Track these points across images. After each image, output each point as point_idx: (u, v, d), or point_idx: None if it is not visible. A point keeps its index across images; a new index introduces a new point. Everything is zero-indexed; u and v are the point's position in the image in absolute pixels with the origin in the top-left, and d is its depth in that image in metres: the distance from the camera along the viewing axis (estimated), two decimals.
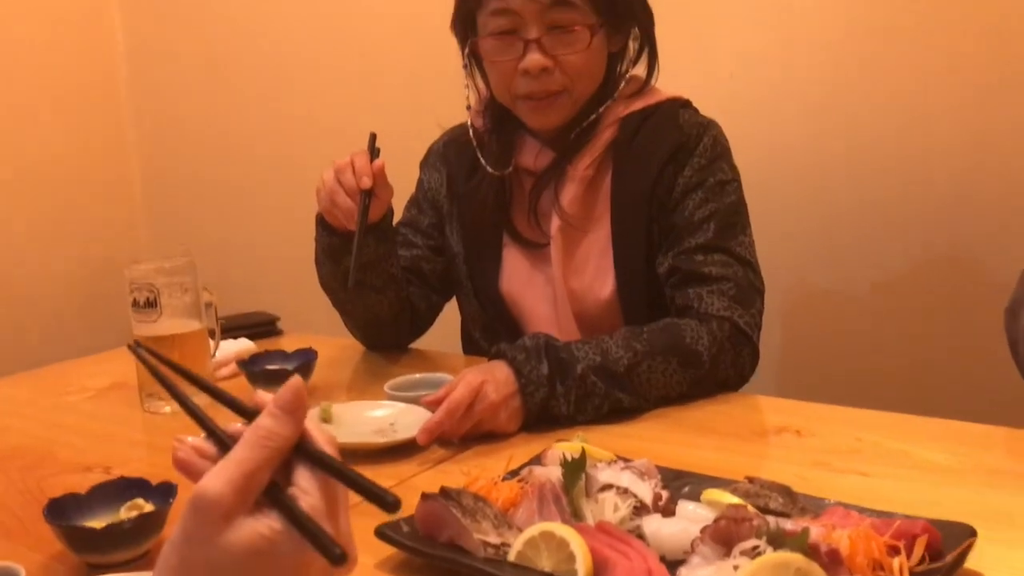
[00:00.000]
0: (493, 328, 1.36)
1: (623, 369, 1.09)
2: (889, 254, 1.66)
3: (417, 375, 1.20)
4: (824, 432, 1.03)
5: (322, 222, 1.30)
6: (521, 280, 1.32)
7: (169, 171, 2.74)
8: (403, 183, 1.47)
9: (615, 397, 1.09)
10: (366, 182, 1.20)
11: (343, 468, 0.49)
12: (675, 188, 1.25)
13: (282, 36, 2.41)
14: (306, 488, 0.48)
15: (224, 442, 0.51)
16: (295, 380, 0.50)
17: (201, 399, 0.56)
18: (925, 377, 1.63)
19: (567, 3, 1.19)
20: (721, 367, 1.16)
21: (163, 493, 0.83)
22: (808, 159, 1.71)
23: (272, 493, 0.48)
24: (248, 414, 0.52)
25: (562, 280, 1.28)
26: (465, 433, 1.03)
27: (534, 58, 1.20)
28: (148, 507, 0.82)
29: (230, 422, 0.54)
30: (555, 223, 1.28)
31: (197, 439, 0.53)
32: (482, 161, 1.31)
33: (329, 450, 0.51)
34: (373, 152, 1.24)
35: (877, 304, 1.69)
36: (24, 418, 1.22)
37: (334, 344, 1.46)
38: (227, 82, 2.55)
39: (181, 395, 0.55)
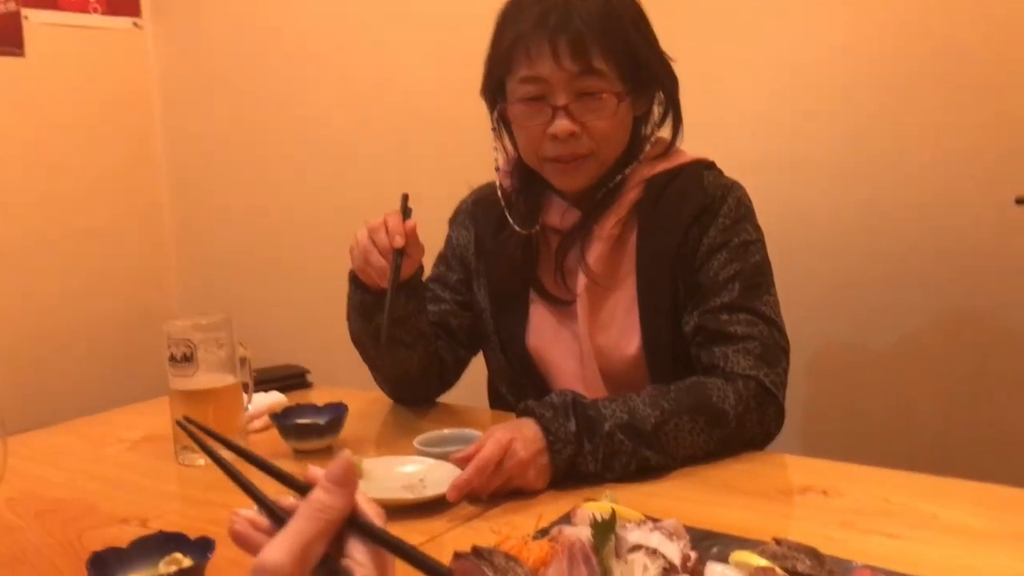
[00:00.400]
0: (520, 383, 1.38)
1: (650, 427, 1.10)
2: (915, 310, 1.66)
3: (446, 430, 1.22)
4: (851, 492, 1.03)
5: (354, 279, 1.33)
6: (547, 336, 1.34)
7: (202, 225, 2.80)
8: (433, 239, 1.50)
9: (642, 455, 1.10)
10: (399, 241, 1.23)
11: (397, 541, 0.51)
12: (700, 248, 1.27)
13: (316, 93, 2.47)
14: (360, 560, 0.51)
15: (278, 516, 0.54)
16: (345, 455, 0.53)
17: (250, 470, 0.58)
18: (954, 436, 1.63)
19: (595, 72, 1.22)
20: (747, 426, 1.17)
21: (201, 548, 0.86)
22: (830, 215, 1.73)
23: (327, 565, 0.50)
24: (300, 488, 0.54)
25: (588, 337, 1.30)
26: (494, 490, 1.04)
27: (562, 124, 1.23)
28: (187, 562, 0.84)
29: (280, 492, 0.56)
30: (581, 281, 1.30)
31: (252, 512, 0.55)
32: (510, 220, 1.35)
33: (379, 523, 0.53)
34: (405, 212, 1.27)
35: (903, 361, 1.69)
36: (64, 469, 1.24)
37: (364, 398, 1.48)
38: (260, 138, 2.61)
39: (235, 471, 0.59)
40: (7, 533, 1.02)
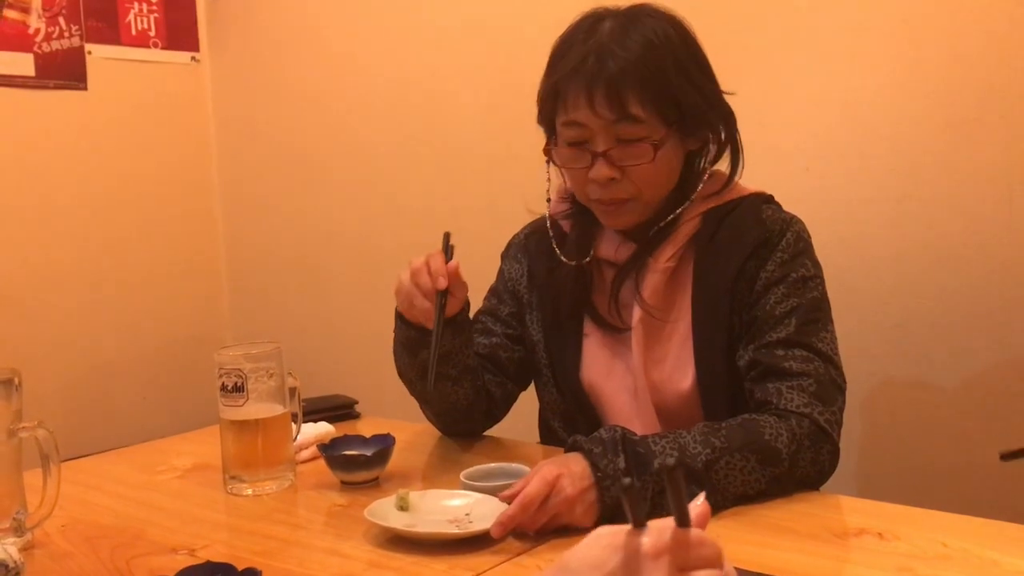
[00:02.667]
0: (572, 417, 1.37)
1: (701, 465, 1.09)
2: (975, 349, 1.62)
3: (493, 464, 1.21)
4: (908, 536, 1.00)
5: (400, 315, 1.33)
6: (601, 369, 1.33)
7: (255, 255, 2.84)
8: (483, 268, 1.50)
9: (692, 492, 1.08)
10: (442, 283, 1.23)
11: None
12: (757, 282, 1.25)
13: (371, 126, 2.51)
14: None
15: None
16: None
17: None
18: (1016, 480, 1.58)
19: (632, 118, 1.21)
20: (800, 465, 1.14)
21: None
22: (886, 253, 1.70)
23: None
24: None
25: (642, 370, 1.29)
26: (540, 527, 1.03)
27: (601, 170, 1.23)
28: None
29: None
30: (636, 313, 1.29)
31: None
32: (557, 252, 1.35)
33: None
34: (448, 251, 1.28)
35: (962, 399, 1.65)
36: (115, 496, 1.26)
37: (411, 429, 1.48)
38: (314, 169, 2.65)
39: None
40: (58, 559, 1.04)
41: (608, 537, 0.63)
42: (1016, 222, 1.57)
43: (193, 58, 2.83)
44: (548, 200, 1.39)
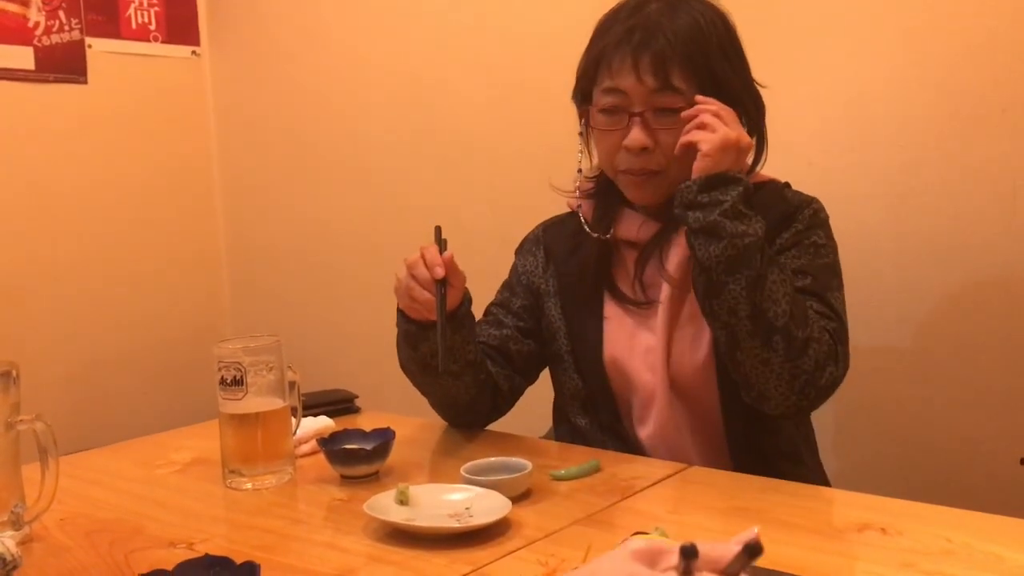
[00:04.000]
0: (593, 400, 1.38)
1: (758, 261, 1.17)
2: (976, 342, 1.62)
3: (494, 459, 1.20)
4: (911, 531, 0.99)
5: (401, 311, 1.34)
6: (623, 349, 1.35)
7: (256, 249, 2.84)
8: (487, 263, 1.50)
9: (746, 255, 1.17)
10: (439, 272, 1.24)
11: None
12: (772, 248, 1.27)
13: (372, 121, 2.50)
14: None
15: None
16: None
17: None
18: (1019, 475, 1.57)
19: (672, 88, 1.25)
20: (812, 348, 1.18)
21: (246, 572, 0.85)
22: (888, 246, 1.69)
23: None
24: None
25: (665, 344, 1.31)
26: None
27: (635, 135, 1.27)
28: None
29: None
30: (665, 289, 1.32)
31: None
32: (583, 221, 1.38)
33: None
34: (441, 244, 1.29)
35: (965, 395, 1.64)
36: (114, 491, 1.25)
37: (411, 424, 1.47)
38: (315, 163, 2.65)
39: None
40: (57, 553, 1.03)
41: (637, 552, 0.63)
42: (1019, 218, 1.57)
43: (193, 52, 2.83)
44: (579, 171, 1.41)
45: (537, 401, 1.48)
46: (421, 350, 1.31)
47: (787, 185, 1.37)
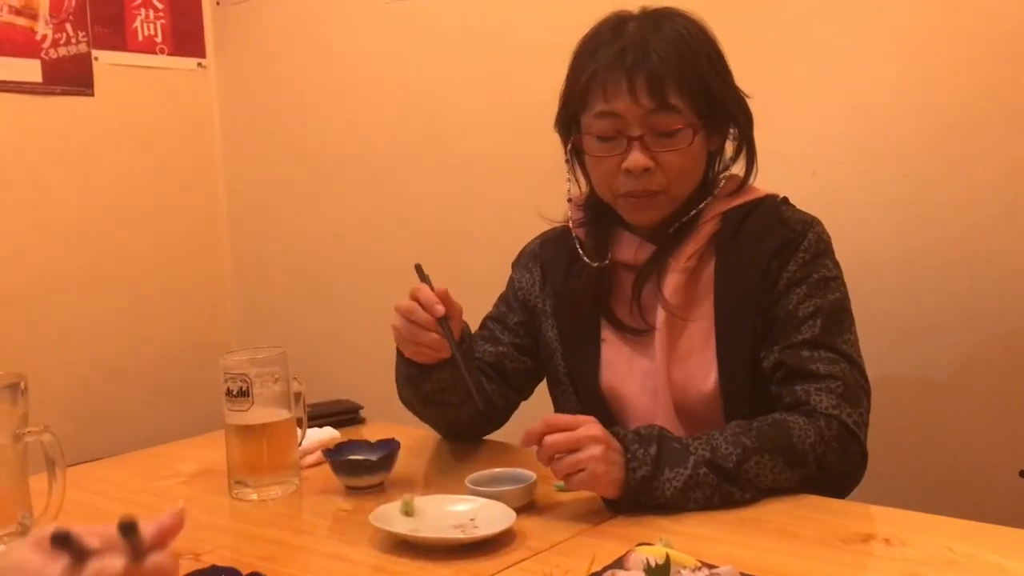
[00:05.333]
0: None
1: (732, 465, 1.11)
2: (981, 351, 1.62)
3: (498, 469, 1.21)
4: (914, 542, 1.00)
5: (401, 353, 1.31)
6: (621, 374, 1.33)
7: (260, 261, 2.84)
8: (492, 273, 1.50)
9: (726, 490, 1.11)
10: (440, 311, 1.21)
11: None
12: (779, 282, 1.26)
13: (377, 133, 2.51)
14: None
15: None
16: None
17: None
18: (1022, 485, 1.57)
19: (669, 107, 1.23)
20: (827, 466, 1.16)
21: None
22: (893, 253, 1.69)
23: None
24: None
25: (665, 371, 1.29)
26: (565, 475, 1.09)
27: (636, 158, 1.24)
28: None
29: None
30: (660, 315, 1.29)
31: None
32: (580, 251, 1.35)
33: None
34: (427, 281, 1.26)
35: (970, 404, 1.64)
36: (120, 501, 1.26)
37: (416, 434, 1.48)
38: (320, 175, 2.65)
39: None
40: None
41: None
42: (1021, 226, 1.57)
43: (199, 64, 2.84)
44: (569, 200, 1.39)
45: (544, 410, 1.48)
46: (424, 388, 1.31)
47: (785, 201, 1.34)
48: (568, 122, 1.34)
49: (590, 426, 1.10)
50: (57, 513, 1.06)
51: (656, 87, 1.22)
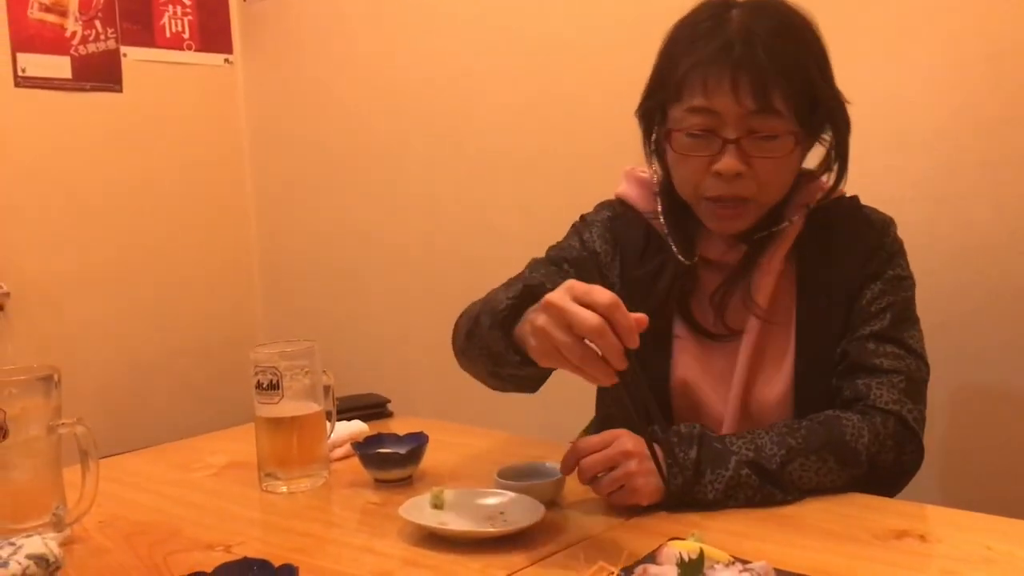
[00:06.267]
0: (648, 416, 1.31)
1: (775, 466, 1.09)
2: (1015, 346, 1.60)
3: (527, 463, 1.20)
4: (950, 538, 0.98)
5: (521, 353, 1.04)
6: (695, 371, 1.27)
7: (289, 255, 2.86)
8: (516, 269, 1.49)
9: (767, 491, 1.09)
10: (635, 341, 0.93)
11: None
12: (856, 279, 1.23)
13: (403, 127, 2.51)
14: None
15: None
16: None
17: None
18: None
19: (773, 110, 1.14)
20: (880, 466, 1.14)
21: (285, 575, 0.86)
22: (927, 250, 1.67)
23: None
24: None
25: (744, 378, 1.23)
26: (608, 495, 1.08)
27: (730, 162, 1.15)
28: None
29: None
30: (751, 319, 1.23)
31: None
32: (674, 249, 1.26)
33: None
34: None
35: (1008, 400, 1.62)
36: (152, 493, 1.27)
37: (444, 428, 1.47)
38: (347, 169, 2.66)
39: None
40: (97, 555, 1.05)
41: None
42: None
43: (226, 60, 2.86)
44: (657, 193, 1.29)
45: (579, 393, 1.44)
46: (506, 371, 1.11)
47: (856, 199, 1.29)
48: (653, 111, 1.25)
49: (621, 440, 1.08)
50: (91, 505, 1.07)
51: (761, 87, 1.13)
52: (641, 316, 0.93)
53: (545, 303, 0.94)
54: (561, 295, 0.93)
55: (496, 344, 1.07)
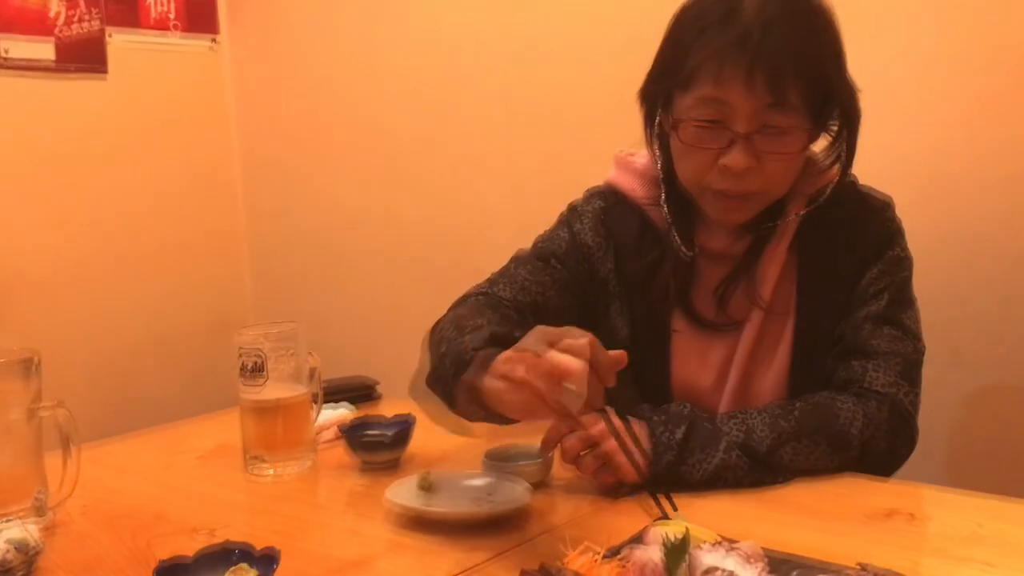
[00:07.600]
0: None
1: (765, 450, 1.08)
2: (1011, 327, 1.59)
3: (515, 444, 1.20)
4: (940, 517, 0.98)
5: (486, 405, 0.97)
6: (693, 366, 1.25)
7: (277, 238, 2.84)
8: (507, 254, 1.48)
9: (756, 474, 1.09)
10: (612, 380, 0.92)
11: None
12: (857, 265, 1.21)
13: (390, 111, 2.49)
14: None
15: None
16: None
17: None
18: None
19: (788, 105, 1.09)
20: (873, 451, 1.13)
21: (266, 560, 0.85)
22: (923, 230, 1.67)
23: None
24: None
25: (743, 366, 1.22)
26: (592, 472, 1.08)
27: (738, 157, 1.10)
28: (252, 573, 0.84)
29: None
30: (754, 310, 1.21)
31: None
32: (676, 241, 1.21)
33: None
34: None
35: (998, 382, 1.62)
36: (137, 478, 1.26)
37: None
38: (335, 152, 2.64)
39: None
40: (80, 540, 1.04)
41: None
42: None
43: (213, 41, 2.82)
44: (661, 183, 1.23)
45: None
46: (478, 418, 1.04)
47: (854, 180, 1.24)
48: (657, 97, 1.19)
49: (598, 423, 1.06)
50: (72, 489, 1.06)
51: (778, 81, 1.07)
52: (620, 353, 0.90)
53: (523, 356, 0.89)
54: (536, 343, 0.89)
55: (460, 395, 1.01)
